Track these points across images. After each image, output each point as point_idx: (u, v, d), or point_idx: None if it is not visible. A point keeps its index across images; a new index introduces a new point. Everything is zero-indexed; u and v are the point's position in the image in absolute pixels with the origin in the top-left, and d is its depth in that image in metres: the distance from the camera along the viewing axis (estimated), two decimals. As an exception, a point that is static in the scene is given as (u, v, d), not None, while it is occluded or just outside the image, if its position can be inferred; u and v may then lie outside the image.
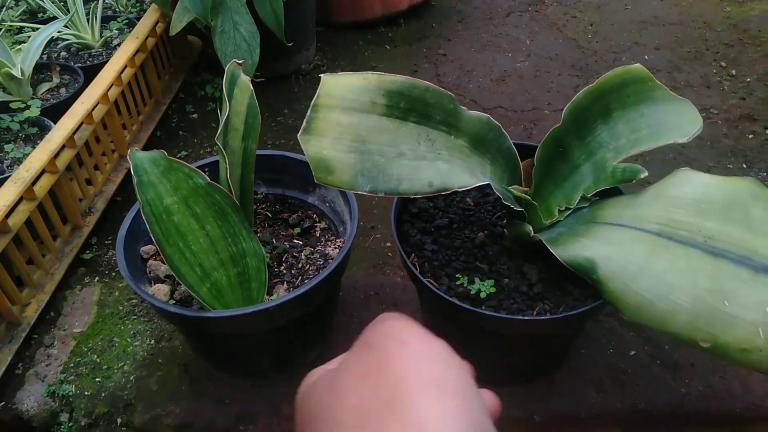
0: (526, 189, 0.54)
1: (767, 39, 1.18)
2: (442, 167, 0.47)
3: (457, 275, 0.54)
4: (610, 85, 0.55)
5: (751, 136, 0.98)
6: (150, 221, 0.50)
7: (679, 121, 0.53)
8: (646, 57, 1.17)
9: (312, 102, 0.44)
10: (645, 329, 0.68)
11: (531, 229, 0.51)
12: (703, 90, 1.08)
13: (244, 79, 0.55)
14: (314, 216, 0.67)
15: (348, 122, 0.45)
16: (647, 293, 0.43)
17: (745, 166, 0.93)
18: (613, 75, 0.54)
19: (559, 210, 0.54)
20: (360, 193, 0.45)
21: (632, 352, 0.66)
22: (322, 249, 0.62)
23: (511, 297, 0.53)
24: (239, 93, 0.55)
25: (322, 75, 0.45)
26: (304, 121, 0.44)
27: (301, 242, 0.63)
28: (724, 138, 0.98)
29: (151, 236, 0.49)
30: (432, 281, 0.53)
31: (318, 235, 0.65)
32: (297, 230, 0.65)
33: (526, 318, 0.48)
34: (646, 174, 0.51)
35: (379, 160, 0.45)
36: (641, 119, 0.54)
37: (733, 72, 1.12)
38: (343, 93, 0.45)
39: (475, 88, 1.10)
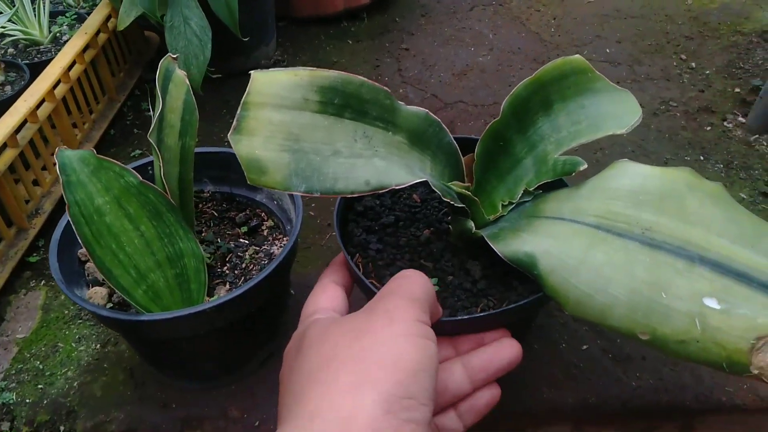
0: (468, 185, 0.53)
1: (726, 31, 1.19)
2: (379, 165, 0.46)
3: None
4: (550, 77, 0.54)
5: (708, 128, 0.99)
6: (78, 222, 0.48)
7: (618, 111, 0.53)
8: (608, 50, 1.17)
9: (242, 100, 0.42)
10: (597, 324, 0.68)
11: (473, 225, 0.50)
12: (663, 83, 1.09)
13: (180, 75, 0.54)
14: (262, 214, 0.65)
15: (280, 120, 0.43)
16: (586, 287, 0.43)
17: (702, 158, 0.94)
18: (552, 67, 0.53)
19: (502, 204, 0.53)
20: (295, 193, 0.44)
21: (584, 347, 0.66)
22: (268, 248, 0.61)
23: (455, 294, 0.52)
24: (174, 89, 0.53)
25: (252, 72, 0.43)
26: (234, 120, 0.42)
27: (246, 241, 0.62)
28: (682, 130, 0.98)
29: (79, 238, 0.47)
30: (374, 282, 0.52)
31: (265, 233, 0.63)
32: (244, 229, 0.63)
33: (465, 317, 0.47)
34: (586, 166, 0.51)
35: (314, 158, 0.44)
36: (582, 111, 0.54)
37: (693, 65, 1.13)
38: (274, 90, 0.43)
39: (437, 83, 1.09)
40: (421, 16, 1.29)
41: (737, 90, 1.06)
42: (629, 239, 0.44)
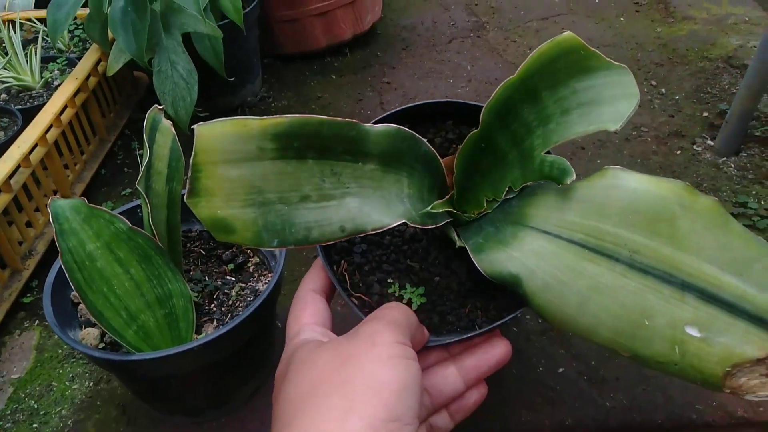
0: (451, 195, 0.52)
1: (694, 58, 1.24)
2: (352, 205, 0.44)
3: (389, 280, 0.52)
4: (536, 68, 0.49)
5: (678, 152, 1.03)
6: (71, 268, 0.51)
7: (613, 94, 0.47)
8: (581, 78, 1.21)
9: (191, 161, 0.39)
10: (574, 346, 0.71)
11: (456, 238, 0.49)
12: (634, 109, 1.13)
13: (166, 124, 0.57)
14: (248, 251, 0.68)
15: (237, 175, 0.40)
16: (571, 309, 0.43)
17: (693, 188, 0.97)
18: (538, 54, 0.49)
19: (487, 200, 0.51)
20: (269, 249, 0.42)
21: (561, 369, 0.68)
22: (254, 284, 0.63)
23: (443, 296, 0.51)
24: (161, 138, 0.57)
25: (195, 126, 0.39)
26: (187, 182, 0.39)
27: (233, 278, 0.65)
28: (653, 155, 1.02)
29: (71, 284, 0.50)
30: (362, 296, 0.51)
31: (251, 270, 0.66)
32: (230, 266, 0.66)
33: (460, 338, 0.47)
34: (573, 178, 0.47)
35: (282, 209, 0.42)
36: (573, 97, 0.48)
37: (663, 90, 1.17)
38: (223, 145, 0.40)
39: (418, 115, 1.13)
40: (402, 50, 1.34)
41: (705, 114, 1.10)
42: (616, 262, 0.43)
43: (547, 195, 0.48)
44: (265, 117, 0.41)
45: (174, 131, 0.57)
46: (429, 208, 0.50)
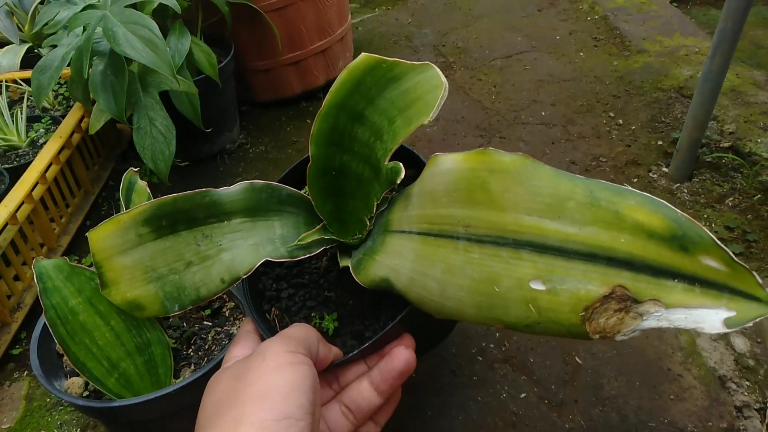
0: (323, 224, 0.55)
1: (649, 89, 1.32)
2: (226, 258, 0.50)
3: (312, 314, 0.55)
4: (345, 94, 0.52)
5: (635, 179, 1.09)
6: (54, 324, 0.55)
7: (422, 92, 0.49)
8: (543, 113, 1.28)
9: (91, 262, 0.49)
10: (535, 372, 0.75)
11: (340, 260, 0.53)
12: (593, 140, 1.19)
13: (141, 185, 0.62)
14: (224, 296, 0.72)
15: (131, 261, 0.49)
16: (437, 297, 0.44)
17: (495, 150, 1.03)
18: (341, 82, 0.51)
19: (368, 218, 0.53)
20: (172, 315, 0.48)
21: (523, 395, 0.73)
22: (229, 328, 0.68)
23: (358, 315, 0.54)
24: (137, 197, 0.61)
25: (87, 233, 0.49)
26: (97, 278, 0.49)
27: (210, 323, 0.69)
28: (611, 184, 1.08)
29: (55, 338, 0.54)
30: None
31: (227, 314, 0.70)
32: (207, 312, 0.70)
33: (356, 353, 0.49)
34: (403, 175, 0.48)
35: (174, 278, 0.49)
36: (392, 106, 0.51)
37: (620, 121, 1.24)
38: (110, 242, 0.49)
39: (388, 155, 1.19)
40: (374, 92, 1.40)
41: (660, 143, 1.17)
42: (457, 239, 0.43)
43: (399, 198, 0.50)
44: (130, 209, 0.49)
45: (149, 191, 0.62)
46: (297, 240, 0.53)
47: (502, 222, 0.41)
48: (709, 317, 0.32)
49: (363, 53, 0.51)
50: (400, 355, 0.48)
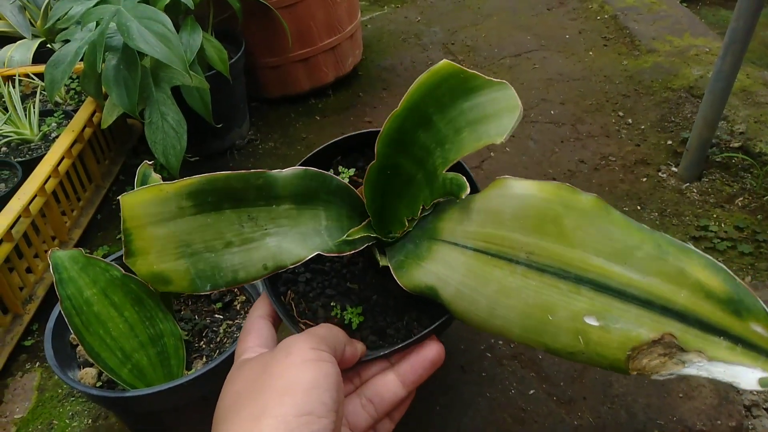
0: (369, 221, 0.55)
1: (658, 88, 1.31)
2: (271, 244, 0.48)
3: (332, 304, 0.55)
4: (420, 95, 0.52)
5: (644, 179, 1.09)
6: (70, 314, 0.55)
7: (496, 110, 0.50)
8: (552, 112, 1.28)
9: (121, 228, 0.45)
10: (544, 369, 0.75)
11: (379, 258, 0.53)
12: (603, 139, 1.19)
13: (155, 177, 0.62)
14: (235, 290, 0.73)
15: (165, 233, 0.46)
16: (484, 313, 0.46)
17: (639, 207, 1.03)
18: (421, 82, 0.52)
19: (408, 220, 0.54)
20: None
21: (531, 391, 0.73)
22: (240, 321, 0.68)
23: (382, 313, 0.54)
24: (151, 190, 0.62)
25: (119, 197, 0.45)
26: (123, 244, 0.45)
27: (221, 316, 0.69)
28: (620, 183, 1.08)
29: (70, 328, 0.55)
30: (309, 321, 0.54)
31: (238, 308, 0.71)
32: (218, 305, 0.71)
33: (393, 349, 0.49)
34: (468, 192, 0.48)
35: (210, 256, 0.46)
36: (461, 117, 0.51)
37: (630, 120, 1.24)
38: (145, 210, 0.45)
39: (397, 152, 1.19)
40: (383, 90, 1.40)
41: (669, 142, 1.17)
42: (516, 263, 0.46)
43: (453, 209, 0.51)
44: (176, 180, 0.46)
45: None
46: (345, 236, 0.53)
47: (568, 257, 0.44)
48: (746, 374, 0.35)
49: (444, 60, 0.51)
50: (432, 346, 0.48)
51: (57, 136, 1.05)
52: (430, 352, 0.48)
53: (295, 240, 0.50)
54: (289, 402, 0.35)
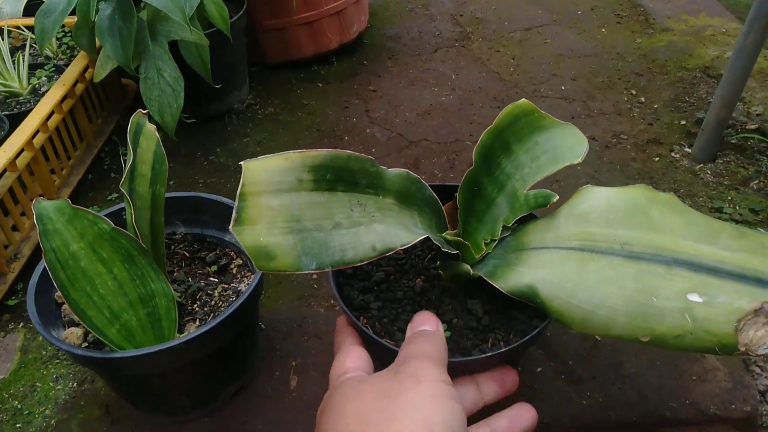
0: (456, 231, 0.57)
1: (673, 68, 1.27)
2: (379, 229, 0.48)
3: None
4: (505, 122, 0.59)
5: (657, 158, 1.06)
6: (54, 267, 0.51)
7: (568, 143, 0.58)
8: (563, 87, 1.24)
9: (238, 191, 0.43)
10: (551, 347, 0.72)
11: (469, 268, 0.53)
12: (614, 117, 1.16)
13: (150, 128, 0.58)
14: (231, 253, 0.69)
15: (279, 204, 0.44)
16: (587, 305, 0.47)
17: (652, 187, 1.00)
18: (506, 113, 0.59)
19: (485, 243, 0.57)
20: (307, 272, 0.44)
21: (539, 369, 0.70)
22: (236, 285, 0.64)
23: (463, 335, 0.55)
24: (145, 141, 0.58)
25: (242, 162, 0.44)
26: (233, 211, 0.43)
27: (216, 280, 0.66)
28: (632, 162, 1.05)
29: (54, 282, 0.51)
30: (388, 341, 0.54)
31: (234, 271, 0.67)
32: (214, 268, 0.67)
33: (488, 354, 0.51)
34: (557, 198, 0.56)
35: (318, 235, 0.45)
36: (537, 147, 0.59)
37: (642, 99, 1.20)
38: (268, 177, 0.44)
39: (402, 122, 1.15)
40: (388, 59, 1.36)
41: (683, 122, 1.13)
42: (612, 255, 0.49)
43: (536, 223, 0.56)
44: (303, 150, 0.46)
45: (158, 135, 0.59)
46: (444, 234, 0.56)
47: (660, 242, 0.47)
48: None
49: (523, 99, 0.59)
50: (529, 411, 0.49)
51: (47, 91, 1.00)
52: (527, 415, 0.49)
53: (401, 229, 0.50)
54: None
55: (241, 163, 0.44)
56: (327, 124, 1.15)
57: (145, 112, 0.58)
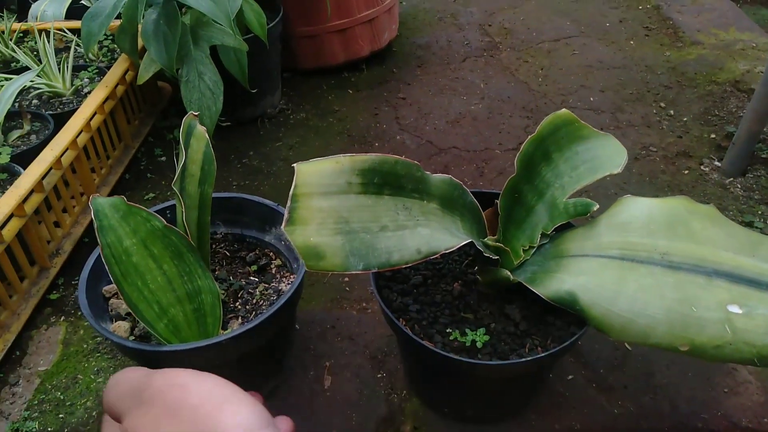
0: (496, 237, 0.58)
1: (702, 81, 1.27)
2: (424, 233, 0.50)
3: (447, 330, 0.57)
4: (547, 131, 0.60)
5: (686, 171, 1.06)
6: (110, 263, 0.53)
7: (608, 153, 0.59)
8: (592, 99, 1.25)
9: (290, 193, 0.45)
10: (583, 355, 0.73)
11: (509, 273, 0.54)
12: (643, 129, 1.16)
13: (200, 130, 0.60)
14: (270, 254, 0.71)
15: (329, 206, 0.46)
16: (627, 313, 0.48)
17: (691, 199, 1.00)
18: (548, 122, 0.60)
19: (523, 249, 0.58)
20: (354, 272, 0.45)
21: (570, 377, 0.70)
22: (276, 285, 0.66)
23: (501, 340, 0.56)
24: (195, 142, 0.60)
25: (295, 164, 0.45)
26: (286, 211, 0.45)
27: (256, 279, 0.67)
28: (661, 174, 1.05)
29: (110, 276, 0.53)
30: (428, 342, 0.55)
31: (273, 271, 0.69)
32: (254, 268, 0.69)
33: (536, 357, 0.52)
34: (597, 207, 0.57)
35: (365, 237, 0.47)
36: (577, 157, 0.60)
37: (672, 112, 1.20)
38: (319, 179, 0.46)
39: (432, 130, 1.16)
40: (417, 67, 1.37)
41: (713, 136, 1.13)
42: (652, 265, 0.50)
43: (575, 231, 0.57)
44: (353, 154, 0.48)
45: (208, 137, 0.60)
46: (486, 239, 0.57)
47: (700, 253, 0.48)
48: None
49: (564, 109, 0.61)
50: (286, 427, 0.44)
51: (89, 92, 1.03)
52: None
53: (444, 233, 0.51)
54: None
55: (294, 165, 0.46)
56: (357, 130, 1.17)
57: (196, 114, 0.60)
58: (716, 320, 0.45)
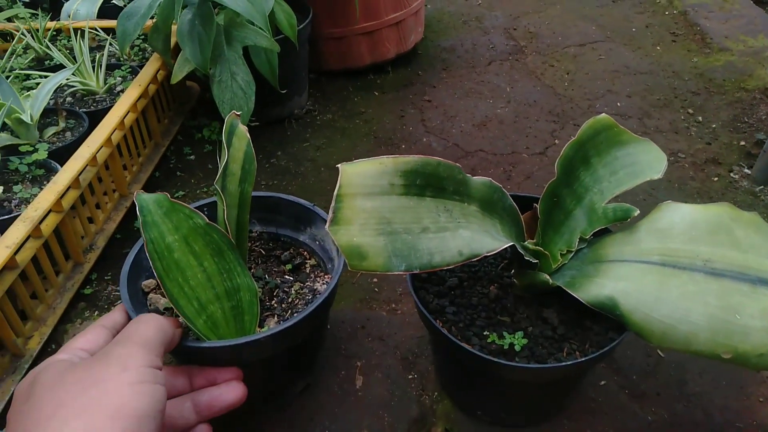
0: (535, 241, 0.58)
1: (731, 88, 1.27)
2: (465, 235, 0.50)
3: (484, 332, 0.57)
4: (586, 136, 0.60)
5: (716, 178, 1.05)
6: (153, 258, 0.54)
7: (648, 159, 0.60)
8: (619, 104, 1.24)
9: (335, 193, 0.45)
10: (615, 361, 0.73)
11: (548, 277, 0.54)
12: (671, 135, 1.15)
13: (242, 129, 0.61)
14: (305, 253, 0.71)
15: (372, 207, 0.47)
16: (668, 319, 0.48)
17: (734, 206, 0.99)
18: (587, 126, 0.60)
19: (561, 253, 0.58)
20: (396, 273, 0.46)
21: (602, 382, 0.70)
22: (311, 284, 0.67)
23: (539, 344, 0.56)
24: (237, 141, 0.60)
25: (339, 165, 0.46)
26: (330, 211, 0.45)
27: (291, 278, 0.68)
28: (690, 180, 1.04)
29: (154, 272, 0.54)
30: (466, 344, 0.55)
31: (308, 271, 0.69)
32: (288, 267, 0.69)
33: (576, 361, 0.52)
34: (638, 212, 0.57)
35: (407, 238, 0.47)
36: (616, 162, 0.60)
37: (700, 118, 1.20)
38: (362, 180, 0.47)
39: (458, 133, 1.17)
40: (443, 70, 1.38)
41: (742, 143, 1.12)
42: (694, 271, 0.49)
43: (614, 236, 0.57)
44: (396, 156, 0.48)
45: (249, 136, 0.61)
46: (525, 242, 0.57)
47: (744, 260, 0.48)
48: None
49: (604, 114, 0.61)
50: (237, 389, 0.54)
51: (122, 90, 1.05)
52: (234, 393, 0.53)
53: (485, 236, 0.51)
54: (118, 428, 0.35)
55: (338, 165, 0.47)
56: (384, 132, 1.17)
57: (238, 113, 0.61)
58: (760, 328, 0.45)
